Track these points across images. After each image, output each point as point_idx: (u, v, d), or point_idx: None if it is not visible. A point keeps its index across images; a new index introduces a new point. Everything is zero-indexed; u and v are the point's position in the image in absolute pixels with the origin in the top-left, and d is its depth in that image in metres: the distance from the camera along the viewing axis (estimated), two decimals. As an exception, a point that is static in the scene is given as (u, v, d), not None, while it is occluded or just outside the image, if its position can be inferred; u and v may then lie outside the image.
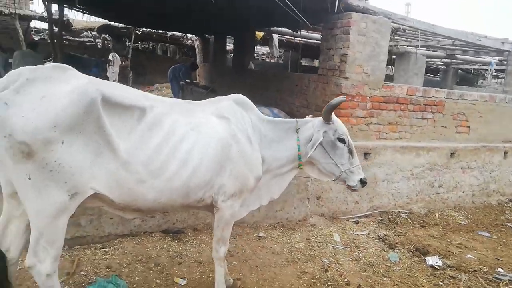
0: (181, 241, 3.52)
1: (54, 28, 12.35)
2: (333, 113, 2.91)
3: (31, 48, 8.56)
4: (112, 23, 15.89)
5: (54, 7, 11.33)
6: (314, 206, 4.42)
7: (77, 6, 12.86)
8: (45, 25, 17.92)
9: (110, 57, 15.03)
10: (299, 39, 10.71)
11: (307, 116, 3.11)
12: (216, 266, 2.75)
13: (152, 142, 2.25)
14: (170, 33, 17.44)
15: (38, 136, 1.86)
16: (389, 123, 5.57)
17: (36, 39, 19.61)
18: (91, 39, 20.86)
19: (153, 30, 17.45)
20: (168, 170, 2.28)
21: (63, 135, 1.93)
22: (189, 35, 16.95)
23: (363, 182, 2.85)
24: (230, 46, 14.63)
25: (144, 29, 17.08)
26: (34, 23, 18.68)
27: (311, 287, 3.12)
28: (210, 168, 2.45)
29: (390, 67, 14.03)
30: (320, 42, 6.34)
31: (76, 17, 17.28)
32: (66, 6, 12.76)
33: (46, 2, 11.36)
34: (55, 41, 11.31)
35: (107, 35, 20.21)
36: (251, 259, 3.44)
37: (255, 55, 19.87)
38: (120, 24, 16.32)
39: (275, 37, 11.98)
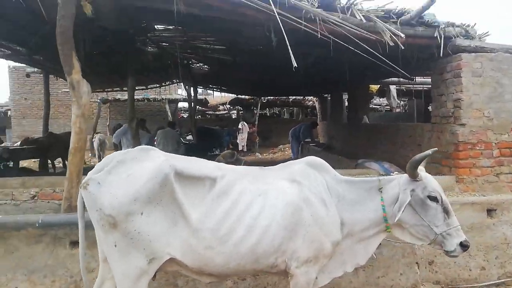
0: (271, 307, 3.47)
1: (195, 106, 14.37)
2: (422, 167, 2.67)
3: (170, 126, 10.13)
4: (240, 96, 17.74)
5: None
6: (426, 272, 3.85)
7: (210, 86, 14.99)
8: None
9: (239, 125, 16.52)
10: (420, 86, 10.14)
11: (392, 173, 2.89)
12: None
13: (219, 209, 2.38)
14: (292, 97, 18.52)
15: (121, 209, 2.19)
16: (527, 171, 4.73)
17: (185, 116, 23.07)
18: (227, 111, 23.50)
19: (277, 97, 18.80)
20: (234, 236, 2.37)
21: (142, 207, 2.22)
22: (309, 97, 17.66)
23: (464, 246, 2.48)
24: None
25: (269, 97, 18.54)
26: (183, 104, 22.02)
27: None
28: (279, 234, 2.44)
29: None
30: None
31: (211, 95, 19.95)
32: (201, 87, 14.87)
33: (186, 87, 13.52)
34: (191, 117, 13.15)
35: (239, 106, 22.51)
36: (344, 332, 3.15)
37: (378, 107, 19.34)
38: (247, 96, 18.09)
39: (392, 87, 11.56)
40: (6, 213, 3.91)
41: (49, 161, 9.61)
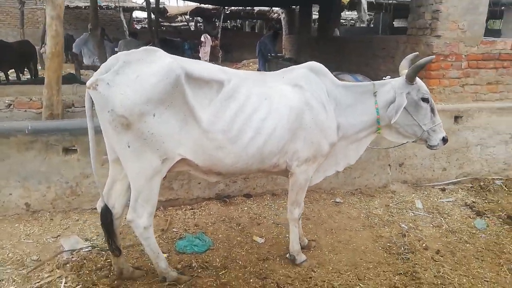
0: (260, 204, 3.78)
1: (152, 16, 13.41)
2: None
3: (132, 36, 9.56)
4: (203, 5, 16.62)
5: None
6: (396, 173, 4.30)
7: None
8: (145, 14, 19.38)
9: (202, 38, 15.75)
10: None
11: (384, 78, 3.04)
12: (290, 226, 2.93)
13: (228, 111, 2.43)
14: (257, 8, 17.70)
15: (134, 110, 2.17)
16: (488, 83, 5.10)
17: (138, 27, 21.54)
18: (185, 23, 22.18)
19: (241, 8, 17.85)
20: (244, 137, 2.47)
21: (154, 108, 2.21)
22: (275, 9, 16.98)
23: (445, 140, 2.80)
24: (316, 15, 14.32)
25: (232, 7, 17.57)
26: (136, 14, 20.44)
27: (387, 250, 3.13)
28: (283, 136, 2.58)
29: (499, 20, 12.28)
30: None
31: (170, 3, 18.47)
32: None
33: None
34: (153, 28, 12.35)
35: (199, 18, 21.24)
36: (326, 223, 3.56)
37: (343, 21, 19.12)
38: (211, 6, 16.99)
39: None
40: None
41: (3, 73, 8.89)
